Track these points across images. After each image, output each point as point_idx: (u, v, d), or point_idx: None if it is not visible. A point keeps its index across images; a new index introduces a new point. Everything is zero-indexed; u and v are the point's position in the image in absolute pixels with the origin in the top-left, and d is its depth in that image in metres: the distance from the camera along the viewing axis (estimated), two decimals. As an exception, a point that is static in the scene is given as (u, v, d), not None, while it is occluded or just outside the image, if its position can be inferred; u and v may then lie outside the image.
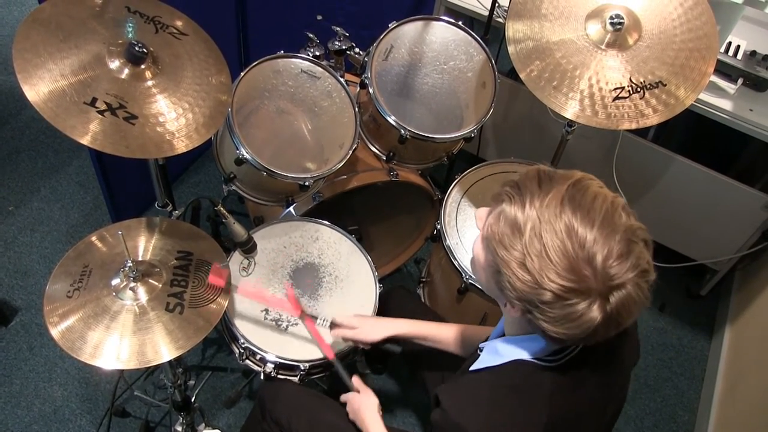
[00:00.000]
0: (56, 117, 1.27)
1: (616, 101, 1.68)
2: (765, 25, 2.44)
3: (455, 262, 1.93)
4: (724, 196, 2.40)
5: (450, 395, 1.12)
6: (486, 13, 2.32)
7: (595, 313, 0.93)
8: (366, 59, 2.06)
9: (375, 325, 1.67)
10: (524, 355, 1.11)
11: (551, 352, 1.09)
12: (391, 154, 2.17)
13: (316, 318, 1.76)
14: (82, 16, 1.40)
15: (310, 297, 1.84)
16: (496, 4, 2.27)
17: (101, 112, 1.33)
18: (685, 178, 2.43)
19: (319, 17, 2.35)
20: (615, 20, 1.70)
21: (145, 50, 1.41)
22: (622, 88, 1.69)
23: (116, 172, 2.42)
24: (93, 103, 1.32)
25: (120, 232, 1.39)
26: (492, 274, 1.03)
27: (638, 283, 0.93)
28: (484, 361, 1.18)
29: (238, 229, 1.71)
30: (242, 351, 1.73)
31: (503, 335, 1.22)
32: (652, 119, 1.66)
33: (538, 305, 0.95)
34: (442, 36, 2.14)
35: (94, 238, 1.54)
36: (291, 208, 2.09)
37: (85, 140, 1.29)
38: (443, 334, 1.63)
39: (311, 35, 2.13)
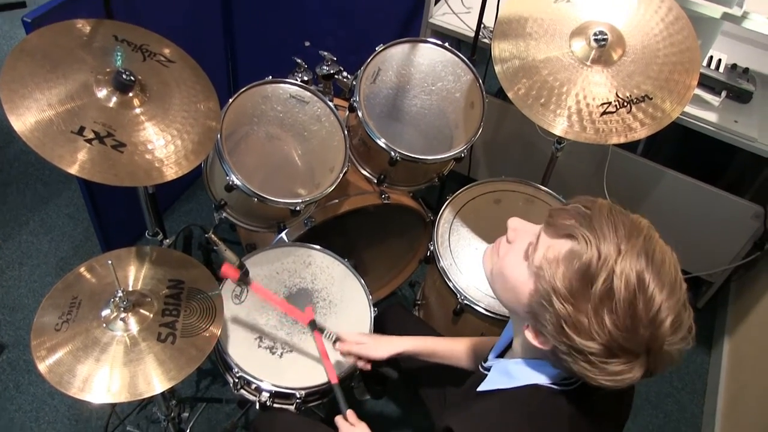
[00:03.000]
0: (43, 147, 1.26)
1: (604, 116, 1.69)
2: (743, 39, 2.50)
3: (450, 284, 1.92)
4: (714, 207, 2.41)
5: (465, 424, 1.07)
6: (472, 35, 2.35)
7: (637, 371, 0.91)
8: (354, 83, 2.07)
9: (382, 342, 1.64)
10: (541, 380, 1.06)
11: (565, 377, 1.05)
12: (382, 176, 2.16)
13: (323, 330, 1.73)
14: (70, 46, 1.40)
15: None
16: (482, 26, 2.30)
17: (89, 141, 1.32)
18: (676, 191, 2.44)
19: (307, 44, 2.37)
20: (599, 37, 1.71)
21: (132, 78, 1.41)
22: (609, 103, 1.70)
23: (106, 202, 2.41)
24: (81, 131, 1.32)
25: (110, 262, 1.37)
26: (532, 304, 0.98)
27: (681, 350, 0.92)
28: (494, 382, 1.14)
29: (230, 256, 1.70)
30: (237, 380, 1.70)
31: (508, 349, 1.19)
32: (640, 132, 1.67)
33: (584, 352, 0.91)
34: (429, 57, 2.15)
35: (83, 269, 1.52)
36: (283, 234, 2.08)
37: (73, 169, 1.29)
38: (451, 348, 1.60)
39: (299, 60, 2.14)
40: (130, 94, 1.43)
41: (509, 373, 1.11)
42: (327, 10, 2.81)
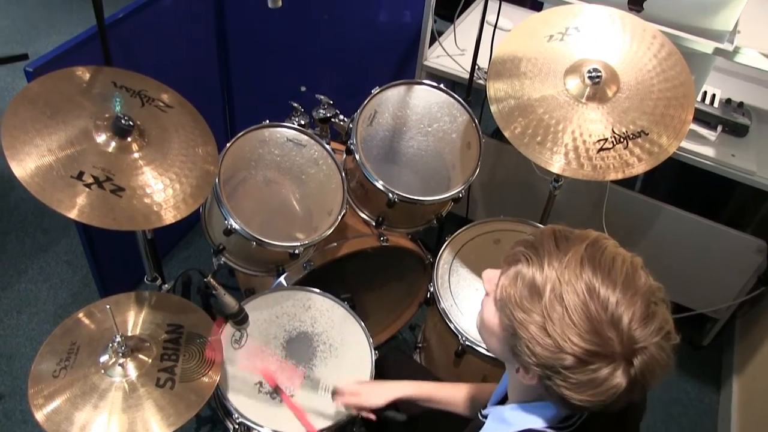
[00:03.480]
0: (43, 192, 1.26)
1: (601, 152, 1.70)
2: (735, 75, 2.54)
3: (451, 325, 1.90)
4: (716, 242, 2.40)
5: None
6: (466, 76, 2.37)
7: (620, 378, 0.89)
8: (351, 125, 2.08)
9: (378, 389, 1.62)
10: (536, 423, 1.05)
11: (562, 418, 1.05)
12: (381, 219, 2.16)
13: (319, 381, 1.71)
14: (70, 93, 1.42)
15: (305, 366, 1.80)
16: (476, 67, 2.33)
17: (88, 185, 1.32)
18: (676, 227, 2.43)
19: (303, 89, 2.39)
20: (593, 74, 1.73)
21: (131, 123, 1.42)
22: (606, 139, 1.71)
23: (105, 249, 2.40)
24: (80, 176, 1.32)
25: (108, 307, 1.36)
26: (506, 339, 1.00)
27: (661, 346, 0.90)
28: (491, 430, 1.14)
29: (229, 301, 1.69)
30: (237, 426, 1.67)
31: (505, 398, 1.18)
32: (638, 168, 1.67)
33: (560, 371, 0.91)
34: (424, 99, 2.17)
35: (81, 315, 1.51)
36: (282, 278, 2.07)
37: (72, 214, 1.29)
38: (449, 394, 1.58)
39: (296, 104, 2.16)
40: (129, 139, 1.43)
41: (505, 420, 1.11)
42: (323, 55, 2.85)
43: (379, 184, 1.99)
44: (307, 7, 2.72)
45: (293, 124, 2.08)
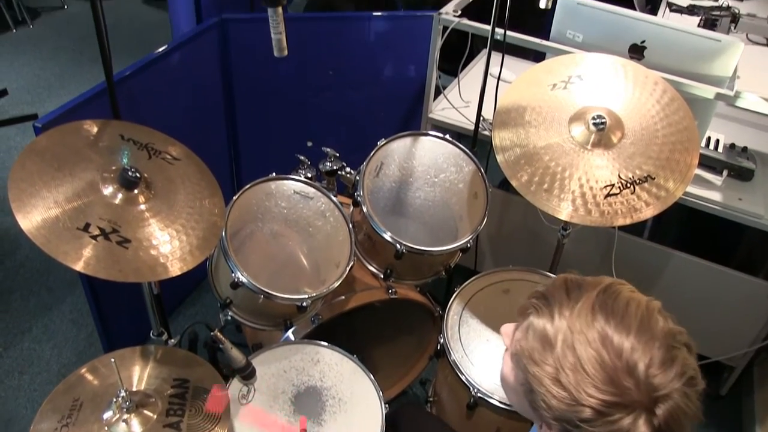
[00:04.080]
0: (48, 243, 1.26)
1: (608, 198, 1.69)
2: (738, 120, 2.56)
3: (462, 377, 1.86)
4: (728, 288, 2.37)
5: None
6: (472, 127, 2.39)
7: (642, 429, 0.85)
8: (357, 177, 2.09)
9: None
10: None
11: None
12: (389, 271, 2.14)
13: None
14: (78, 145, 1.43)
15: (314, 422, 1.76)
16: (481, 118, 2.35)
17: (94, 237, 1.32)
18: (686, 273, 2.41)
19: (309, 144, 2.41)
20: (597, 121, 1.74)
21: (138, 175, 1.43)
22: (612, 185, 1.70)
23: (111, 306, 2.39)
24: (86, 228, 1.32)
25: (113, 360, 1.34)
26: (524, 393, 0.97)
27: (686, 393, 0.86)
28: None
29: (236, 355, 1.66)
30: (244, 485, 1.62)
31: None
32: (646, 212, 1.66)
33: (579, 424, 0.88)
34: (430, 150, 2.18)
35: (84, 370, 1.49)
36: (290, 332, 2.04)
37: (78, 266, 1.28)
38: None
39: (302, 157, 2.18)
40: (136, 191, 1.44)
41: None
42: (328, 110, 2.89)
43: (387, 236, 1.98)
44: (313, 63, 2.77)
45: (300, 176, 2.09)
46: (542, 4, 1.82)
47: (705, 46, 1.90)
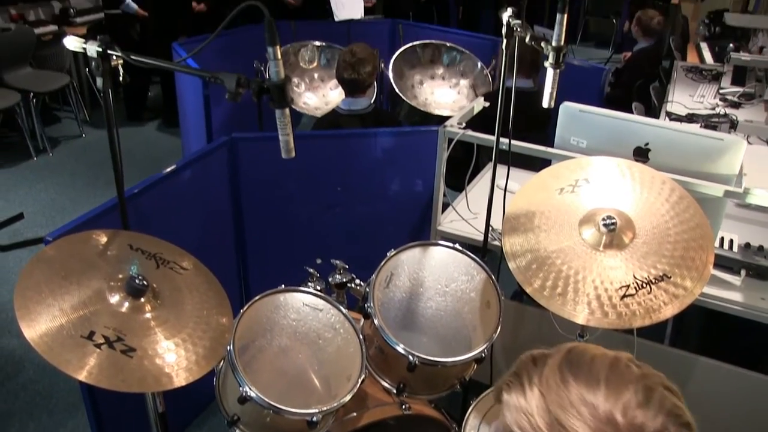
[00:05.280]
0: (51, 351, 1.23)
1: (625, 299, 1.66)
2: (748, 220, 2.55)
3: (482, 496, 1.76)
4: (757, 393, 2.27)
5: None
6: (481, 238, 2.39)
7: None
8: (367, 289, 2.06)
9: None
10: None
11: None
12: (402, 386, 2.07)
13: None
14: (86, 255, 1.43)
15: None
16: (490, 228, 2.35)
17: (98, 346, 1.29)
18: (712, 379, 2.32)
19: (318, 261, 2.41)
20: (607, 222, 1.73)
21: (145, 283, 1.42)
22: (628, 285, 1.67)
23: (113, 427, 2.29)
24: (90, 336, 1.29)
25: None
26: None
27: (678, 428, 0.81)
28: None
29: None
30: None
31: None
32: (665, 312, 1.62)
33: None
34: (440, 260, 2.17)
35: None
36: (300, 452, 1.94)
37: (81, 375, 1.24)
38: None
39: (311, 270, 2.16)
40: (142, 300, 1.42)
41: None
42: (337, 226, 2.91)
43: (400, 348, 1.94)
44: (321, 179, 2.82)
45: (309, 289, 2.07)
46: (545, 104, 1.86)
47: (708, 145, 1.92)
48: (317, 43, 4.72)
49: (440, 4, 7.49)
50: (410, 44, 4.71)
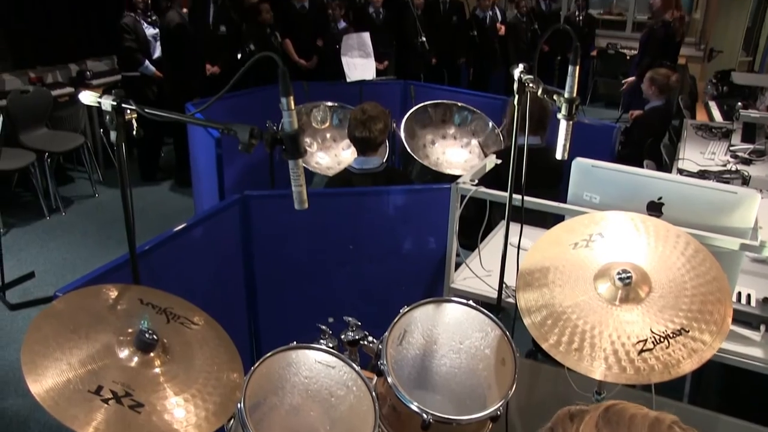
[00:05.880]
0: (56, 407, 1.20)
1: (642, 354, 1.62)
2: (765, 275, 2.51)
3: None
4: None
5: None
6: (494, 295, 2.36)
7: None
8: (380, 346, 2.04)
9: None
10: None
11: None
12: (416, 445, 2.02)
13: None
14: (96, 309, 1.42)
15: None
16: (504, 285, 2.32)
17: (106, 401, 1.26)
18: (734, 439, 2.23)
19: (331, 320, 2.39)
20: (623, 275, 1.71)
21: (155, 337, 1.40)
22: (645, 340, 1.64)
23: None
24: (98, 391, 1.27)
25: None
26: None
27: None
28: None
29: None
30: None
31: None
32: (684, 367, 1.58)
33: None
34: (454, 316, 2.14)
35: None
36: None
37: (88, 431, 1.21)
38: None
39: (323, 327, 2.14)
40: (152, 354, 1.40)
41: None
42: (349, 284, 2.89)
43: (414, 406, 1.89)
44: (333, 237, 2.82)
45: (322, 346, 2.04)
46: (558, 156, 1.87)
47: (722, 199, 1.91)
48: (329, 103, 4.80)
49: (451, 66, 7.62)
50: (422, 104, 4.77)
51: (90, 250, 4.73)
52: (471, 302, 2.15)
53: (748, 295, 2.22)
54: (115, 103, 1.47)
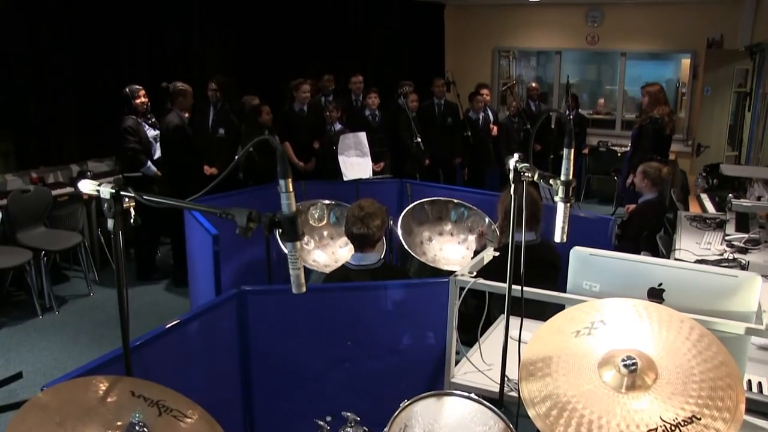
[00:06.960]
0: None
1: (654, 444, 1.55)
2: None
3: None
4: None
5: None
6: (496, 389, 2.30)
7: None
8: (379, 444, 1.96)
9: None
10: None
11: None
12: None
13: None
14: (84, 400, 1.37)
15: None
16: (506, 378, 2.26)
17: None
18: None
19: (329, 418, 2.32)
20: (628, 362, 1.66)
21: (146, 430, 1.34)
22: (656, 429, 1.57)
23: None
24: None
25: None
26: None
27: None
28: None
29: None
30: None
31: None
32: (700, 457, 1.51)
33: None
34: (456, 410, 2.07)
35: None
36: None
37: None
38: None
39: (321, 422, 2.08)
40: (141, 449, 1.34)
41: None
42: (348, 381, 2.82)
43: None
44: (330, 332, 2.78)
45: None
46: (557, 239, 1.86)
47: (723, 283, 1.90)
48: (326, 201, 4.84)
49: (446, 165, 7.74)
50: (418, 201, 4.82)
51: (81, 349, 4.63)
52: (473, 395, 2.09)
53: (759, 384, 2.16)
54: (113, 191, 1.48)
